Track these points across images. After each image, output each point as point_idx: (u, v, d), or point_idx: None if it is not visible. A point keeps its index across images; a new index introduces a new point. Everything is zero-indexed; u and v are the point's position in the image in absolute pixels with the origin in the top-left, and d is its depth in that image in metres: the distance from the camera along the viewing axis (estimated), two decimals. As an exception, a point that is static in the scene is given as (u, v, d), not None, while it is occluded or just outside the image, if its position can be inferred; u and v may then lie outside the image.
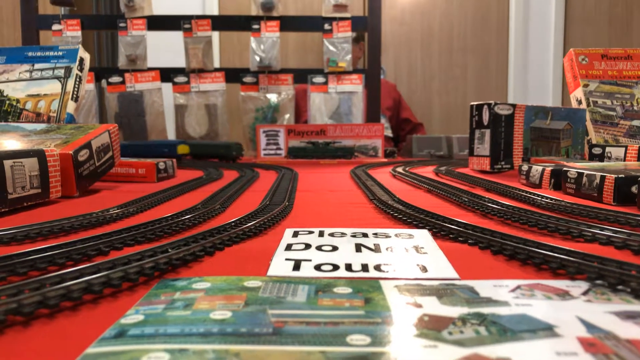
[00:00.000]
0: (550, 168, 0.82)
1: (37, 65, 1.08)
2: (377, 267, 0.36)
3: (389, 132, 2.46)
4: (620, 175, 0.64)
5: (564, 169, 0.77)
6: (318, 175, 1.14)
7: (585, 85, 1.28)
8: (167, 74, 1.86)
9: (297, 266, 0.36)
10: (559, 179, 0.79)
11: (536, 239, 0.39)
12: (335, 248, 0.41)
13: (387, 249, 0.41)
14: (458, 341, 0.22)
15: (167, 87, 1.87)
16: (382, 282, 0.32)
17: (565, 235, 0.46)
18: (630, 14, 2.88)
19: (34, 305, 0.26)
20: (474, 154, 1.14)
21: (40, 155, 0.66)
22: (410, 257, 0.39)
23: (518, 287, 0.31)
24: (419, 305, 0.27)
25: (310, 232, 0.48)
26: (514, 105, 1.10)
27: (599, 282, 0.31)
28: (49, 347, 0.23)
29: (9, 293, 0.27)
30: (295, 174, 1.09)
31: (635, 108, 1.24)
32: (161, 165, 0.99)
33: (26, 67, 1.08)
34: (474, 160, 1.14)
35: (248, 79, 1.87)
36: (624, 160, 0.97)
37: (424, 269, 0.35)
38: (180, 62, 1.87)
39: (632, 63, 1.29)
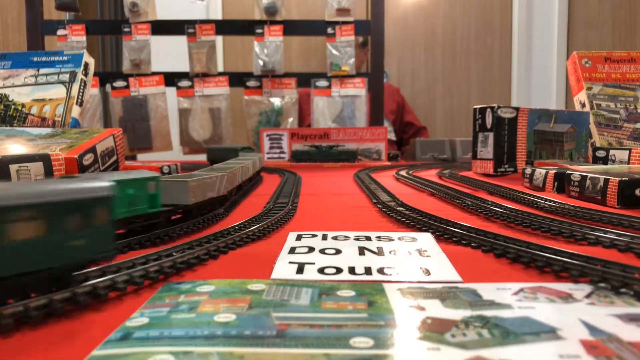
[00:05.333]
0: (553, 171, 0.82)
1: (42, 70, 1.08)
2: (381, 270, 0.36)
3: (392, 136, 2.45)
4: (624, 178, 0.64)
5: (568, 172, 0.76)
6: (321, 179, 1.14)
7: (589, 88, 1.27)
8: (171, 79, 1.87)
9: (300, 269, 0.36)
10: (562, 182, 0.79)
11: (539, 242, 0.39)
12: (338, 251, 0.42)
13: (390, 252, 0.41)
14: (461, 344, 0.23)
15: (171, 91, 1.88)
16: (385, 285, 0.32)
17: (569, 238, 0.46)
18: (634, 17, 2.87)
19: (41, 308, 0.26)
20: (477, 157, 1.14)
21: (45, 159, 0.67)
22: (413, 260, 0.39)
23: (521, 290, 0.31)
24: (422, 308, 0.27)
25: (314, 236, 0.48)
26: (517, 109, 1.10)
27: (602, 285, 0.31)
28: (55, 349, 0.24)
29: (16, 297, 0.27)
30: (298, 177, 1.09)
31: (638, 111, 1.24)
32: (165, 169, 1.00)
33: (31, 72, 1.09)
34: (478, 164, 1.14)
35: (252, 83, 1.87)
36: (628, 163, 0.97)
37: (427, 272, 0.35)
38: (184, 66, 1.88)
39: (636, 66, 1.29)
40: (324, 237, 0.47)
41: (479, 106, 1.13)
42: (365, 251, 0.42)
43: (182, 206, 0.51)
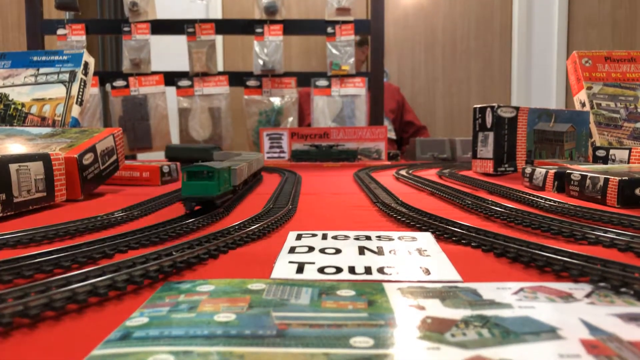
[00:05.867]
0: (553, 170, 0.82)
1: (42, 70, 1.08)
2: (381, 270, 0.36)
3: (392, 135, 2.45)
4: (624, 178, 0.64)
5: (568, 171, 0.76)
6: (321, 178, 1.14)
7: (589, 88, 1.27)
8: (171, 78, 1.87)
9: (300, 269, 0.36)
10: (562, 181, 0.79)
11: (539, 242, 0.39)
12: (338, 251, 0.42)
13: (390, 251, 0.41)
14: (461, 343, 0.23)
15: (171, 90, 1.88)
16: (385, 284, 0.32)
17: (569, 238, 0.46)
18: (634, 16, 2.87)
19: (40, 307, 0.26)
20: (477, 156, 1.14)
21: (45, 159, 0.67)
22: (413, 260, 0.39)
23: (521, 289, 0.31)
24: (422, 308, 0.27)
25: (314, 235, 0.48)
26: (517, 108, 1.10)
27: (602, 284, 0.31)
28: (54, 349, 0.24)
29: (15, 296, 0.27)
30: (298, 177, 1.09)
31: (639, 110, 1.24)
32: (165, 169, 1.00)
33: (31, 71, 1.09)
34: (478, 163, 1.14)
35: (251, 82, 1.87)
36: (628, 162, 0.97)
37: (427, 272, 0.35)
38: (184, 66, 1.88)
39: (636, 65, 1.29)
40: (324, 237, 0.47)
41: (479, 105, 1.13)
42: (365, 251, 0.42)
43: (232, 186, 0.66)
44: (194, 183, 0.56)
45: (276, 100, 1.88)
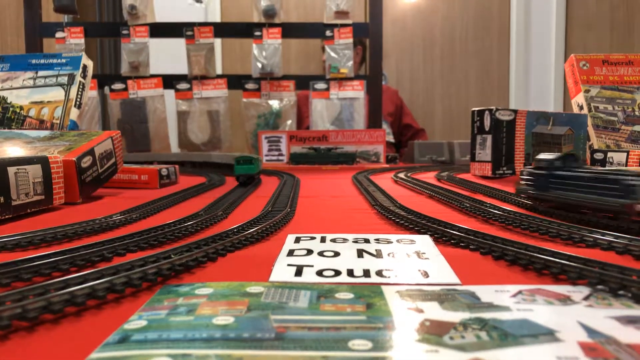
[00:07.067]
0: (551, 173, 0.81)
1: (40, 73, 1.08)
2: (379, 273, 0.36)
3: (390, 138, 2.46)
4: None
5: (566, 174, 0.76)
6: (320, 181, 1.14)
7: (587, 91, 1.28)
8: (169, 81, 1.87)
9: (299, 272, 0.36)
10: (560, 184, 0.79)
11: (537, 245, 0.39)
12: (337, 254, 0.42)
13: (388, 254, 0.41)
14: (459, 346, 0.23)
15: (169, 93, 1.88)
16: (383, 287, 0.32)
17: (567, 241, 0.46)
18: (632, 18, 2.88)
19: (38, 310, 0.26)
20: (475, 159, 1.14)
21: (43, 162, 0.67)
22: (411, 263, 0.39)
23: (519, 292, 0.31)
24: (421, 311, 0.27)
25: (312, 238, 0.48)
26: (515, 111, 1.10)
27: (600, 287, 0.31)
28: (53, 352, 0.24)
29: (13, 298, 0.27)
30: (297, 179, 1.09)
31: (636, 113, 1.24)
32: (164, 172, 1.00)
33: (30, 74, 1.09)
34: (476, 166, 1.14)
35: (250, 85, 1.87)
36: (626, 165, 0.97)
37: (426, 275, 0.35)
38: (182, 69, 1.88)
39: (633, 68, 1.29)
40: (323, 240, 0.47)
41: (477, 109, 1.13)
42: (364, 253, 0.42)
43: (258, 169, 0.98)
44: (242, 166, 0.94)
45: (275, 103, 1.88)
